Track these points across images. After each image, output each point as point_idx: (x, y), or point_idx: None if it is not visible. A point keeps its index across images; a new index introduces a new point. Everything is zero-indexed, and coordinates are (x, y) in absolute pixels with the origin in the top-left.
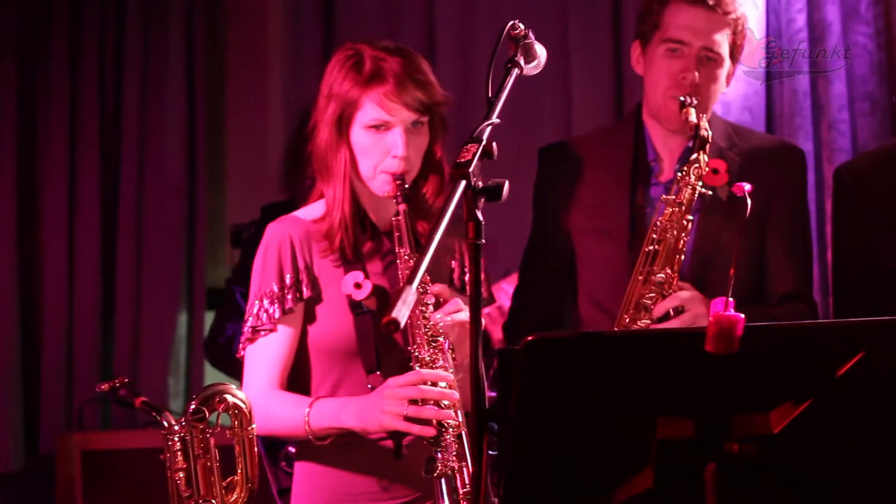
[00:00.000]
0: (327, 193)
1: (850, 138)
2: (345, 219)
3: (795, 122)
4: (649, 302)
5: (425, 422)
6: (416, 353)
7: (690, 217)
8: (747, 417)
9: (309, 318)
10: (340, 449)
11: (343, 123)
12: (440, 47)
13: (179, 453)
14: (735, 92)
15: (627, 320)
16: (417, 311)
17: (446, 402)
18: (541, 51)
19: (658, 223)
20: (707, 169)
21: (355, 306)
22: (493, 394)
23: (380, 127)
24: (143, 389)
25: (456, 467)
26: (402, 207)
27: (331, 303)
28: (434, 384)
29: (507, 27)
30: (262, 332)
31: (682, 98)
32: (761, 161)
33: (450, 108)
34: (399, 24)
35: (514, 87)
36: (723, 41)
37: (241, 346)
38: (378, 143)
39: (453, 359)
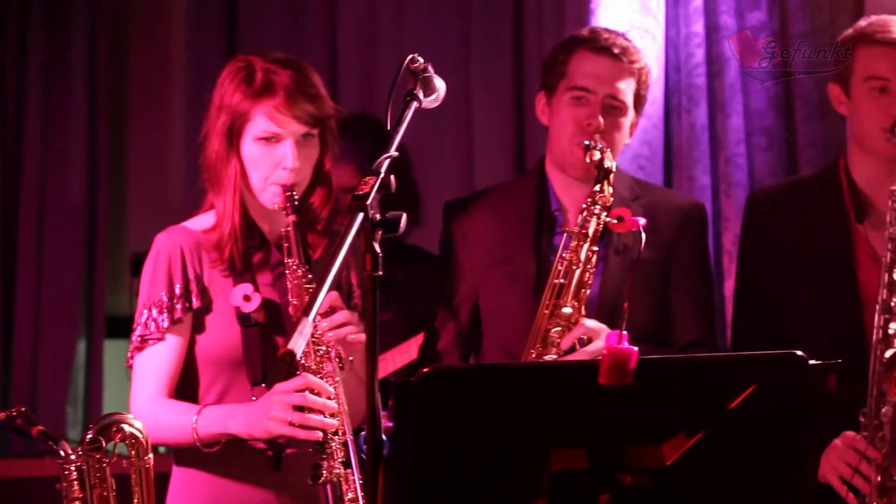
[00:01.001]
0: (217, 204)
1: (747, 172)
2: (234, 230)
3: (693, 156)
4: (556, 336)
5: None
6: (303, 361)
7: (595, 248)
8: (640, 449)
9: (197, 327)
10: (221, 457)
11: (233, 135)
12: (342, 60)
13: (76, 482)
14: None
15: (535, 355)
16: None
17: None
18: (440, 84)
19: (564, 255)
20: (611, 199)
21: (243, 318)
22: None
23: (270, 139)
24: (42, 418)
25: (341, 474)
26: (291, 219)
27: (219, 313)
28: (318, 393)
29: (407, 61)
30: (151, 342)
31: (587, 142)
32: (664, 213)
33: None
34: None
35: (413, 120)
36: (627, 90)
37: (129, 355)
38: (268, 155)
39: (341, 368)
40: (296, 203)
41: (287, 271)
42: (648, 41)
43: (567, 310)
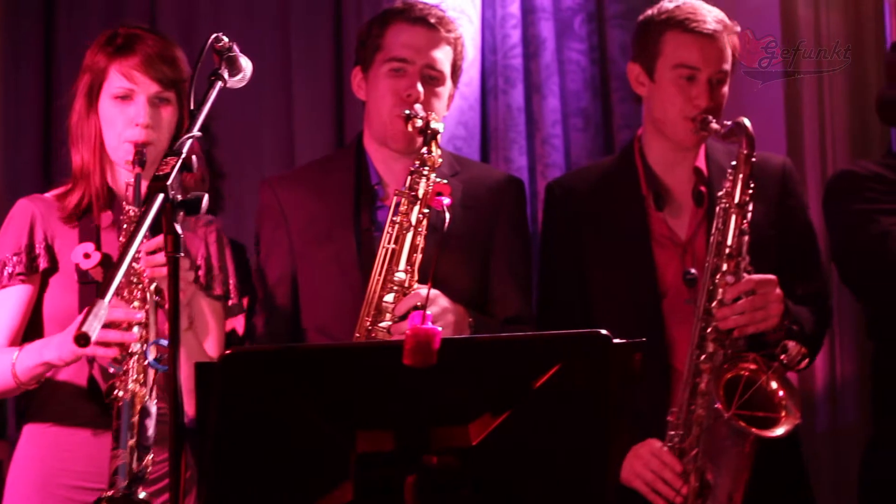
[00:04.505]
0: (76, 161)
1: (563, 153)
2: (90, 188)
3: (510, 137)
4: (390, 303)
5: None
6: (119, 293)
7: (426, 210)
8: (446, 430)
9: (44, 287)
10: (61, 406)
11: (93, 93)
12: None
13: None
14: (451, 107)
15: (368, 323)
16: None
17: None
18: (246, 64)
19: (395, 219)
20: (440, 160)
21: (82, 275)
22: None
23: (125, 97)
24: None
25: (136, 390)
26: (136, 171)
27: (64, 273)
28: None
29: (211, 40)
30: None
31: (407, 111)
32: (482, 188)
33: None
34: None
35: (234, 95)
36: (445, 59)
37: None
38: (122, 112)
39: (158, 304)
40: (143, 158)
41: (122, 216)
42: (464, 22)
43: (400, 275)
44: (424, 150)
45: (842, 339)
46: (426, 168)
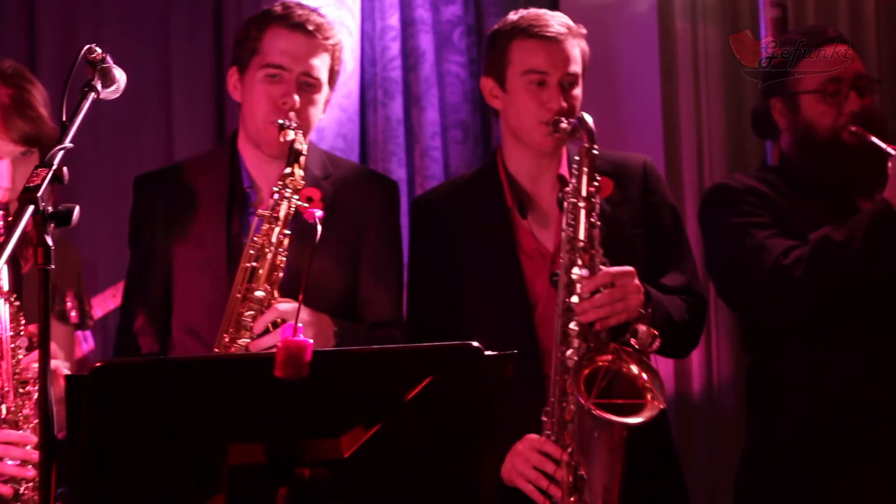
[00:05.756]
0: None
1: (442, 165)
2: None
3: (389, 149)
4: (249, 319)
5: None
6: (3, 404)
7: (288, 232)
8: (319, 442)
9: None
10: None
11: None
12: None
13: None
14: (330, 118)
15: (227, 339)
16: (8, 353)
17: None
18: (120, 75)
19: (255, 239)
20: (302, 182)
21: None
22: None
23: None
24: None
25: None
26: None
27: None
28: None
29: (84, 51)
30: None
31: (281, 121)
32: (354, 190)
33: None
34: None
35: (91, 110)
36: (322, 67)
37: None
38: None
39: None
40: (9, 222)
41: None
42: (344, 34)
43: (260, 293)
44: (288, 169)
45: (718, 333)
46: (288, 190)
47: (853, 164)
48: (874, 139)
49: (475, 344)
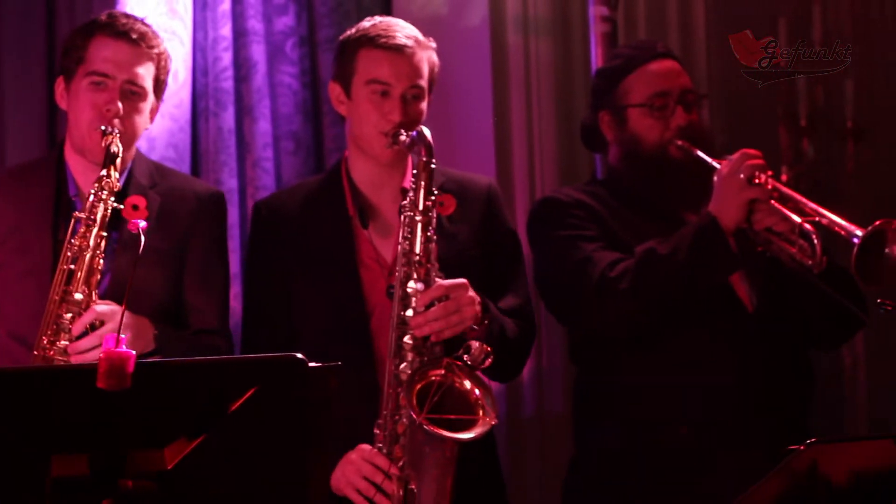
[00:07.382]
0: None
1: (274, 176)
2: None
3: (221, 159)
4: (67, 321)
5: None
6: None
7: (105, 234)
8: (143, 453)
9: None
10: None
11: None
12: None
13: None
14: (160, 128)
15: (46, 341)
16: None
17: None
18: None
19: (73, 241)
20: (118, 184)
21: None
22: None
23: None
24: None
25: None
26: None
27: None
28: None
29: None
30: None
31: (103, 127)
32: (181, 201)
33: None
34: None
35: None
36: (146, 75)
37: None
38: None
39: None
40: None
41: None
42: (176, 44)
43: (78, 296)
44: (104, 171)
45: (548, 328)
46: (104, 192)
47: (679, 178)
48: (700, 153)
49: (299, 356)
